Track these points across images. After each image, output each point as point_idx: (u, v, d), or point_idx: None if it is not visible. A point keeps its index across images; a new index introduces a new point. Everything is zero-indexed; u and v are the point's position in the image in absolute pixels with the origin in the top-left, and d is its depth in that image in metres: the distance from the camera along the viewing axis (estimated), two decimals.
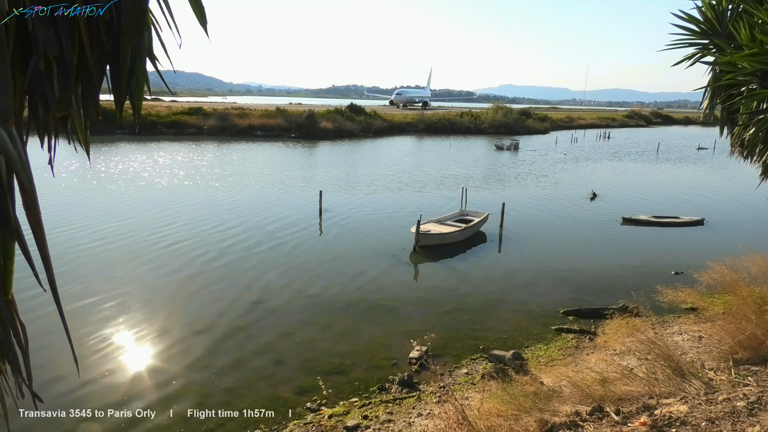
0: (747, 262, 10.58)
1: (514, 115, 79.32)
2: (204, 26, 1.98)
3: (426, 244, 17.34)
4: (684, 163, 46.64)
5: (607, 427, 4.91)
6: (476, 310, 12.48)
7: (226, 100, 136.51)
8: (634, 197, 28.36)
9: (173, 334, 10.81)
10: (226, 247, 16.75)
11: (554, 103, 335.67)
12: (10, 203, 1.56)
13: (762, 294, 8.42)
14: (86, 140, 1.95)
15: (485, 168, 38.44)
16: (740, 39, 6.49)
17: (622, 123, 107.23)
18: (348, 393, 8.82)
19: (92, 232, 17.80)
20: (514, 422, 5.50)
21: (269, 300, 12.69)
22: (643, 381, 5.89)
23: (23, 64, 1.67)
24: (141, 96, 2.01)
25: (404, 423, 7.75)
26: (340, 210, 22.69)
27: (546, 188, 30.39)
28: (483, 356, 10.15)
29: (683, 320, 11.26)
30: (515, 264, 16.33)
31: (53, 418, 7.86)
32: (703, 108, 8.10)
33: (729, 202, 27.84)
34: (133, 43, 1.77)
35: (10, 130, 1.44)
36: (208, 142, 49.81)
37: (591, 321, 11.89)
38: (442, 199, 25.96)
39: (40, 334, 9.37)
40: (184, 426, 7.83)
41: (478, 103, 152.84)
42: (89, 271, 14.14)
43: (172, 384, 8.98)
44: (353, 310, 12.29)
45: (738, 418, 4.56)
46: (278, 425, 7.90)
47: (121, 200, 23.18)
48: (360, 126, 63.59)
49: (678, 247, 18.95)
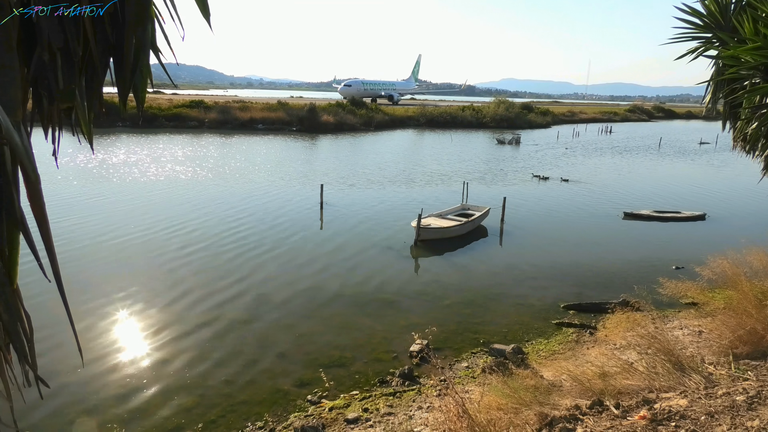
0: (748, 256, 10.57)
1: (515, 109, 79.05)
2: (207, 19, 1.97)
3: (427, 238, 17.35)
4: (686, 157, 46.52)
5: (606, 421, 4.94)
6: (477, 304, 12.51)
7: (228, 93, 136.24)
8: (636, 192, 28.31)
9: (174, 325, 10.85)
10: (227, 240, 16.77)
11: (556, 97, 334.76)
12: (15, 194, 1.57)
13: (763, 288, 8.42)
14: (90, 132, 1.96)
15: (486, 162, 38.36)
16: (743, 33, 6.46)
17: (624, 117, 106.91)
18: (349, 386, 8.87)
19: (96, 224, 17.82)
20: (514, 415, 5.52)
21: (270, 293, 12.73)
22: (643, 375, 5.90)
23: (27, 55, 1.67)
24: (144, 88, 2.02)
25: (404, 416, 7.79)
26: (340, 204, 22.70)
27: (547, 183, 30.34)
28: (483, 350, 10.19)
29: (684, 315, 11.28)
30: (516, 258, 16.34)
31: (56, 409, 7.92)
32: (705, 102, 8.08)
33: (731, 197, 27.79)
34: (137, 35, 1.78)
35: (18, 121, 1.44)
36: (210, 136, 49.76)
37: (591, 315, 11.91)
38: (444, 193, 25.93)
39: (43, 326, 9.41)
40: (185, 417, 7.88)
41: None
42: (91, 263, 14.18)
43: (173, 375, 9.03)
44: (354, 304, 12.32)
45: (737, 413, 4.58)
46: (279, 417, 7.94)
47: (123, 192, 23.19)
48: (361, 120, 63.50)
49: (679, 241, 18.94)
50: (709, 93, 7.91)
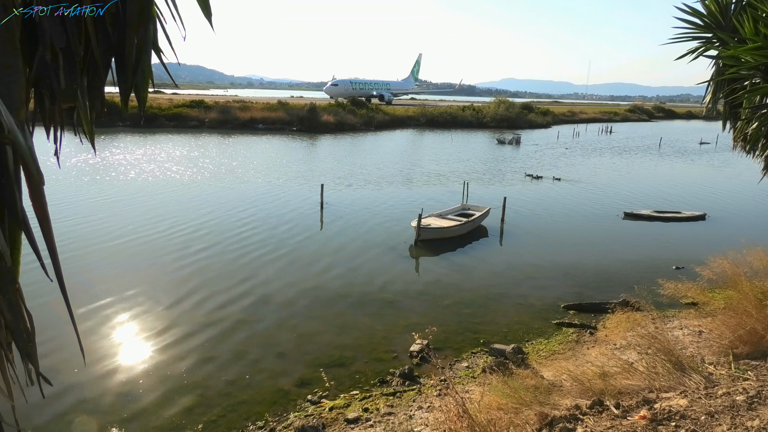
0: (749, 256, 10.59)
1: (516, 109, 79.01)
2: (209, 19, 1.98)
3: (427, 237, 17.35)
4: (686, 157, 46.51)
5: (606, 421, 4.94)
6: (477, 304, 12.51)
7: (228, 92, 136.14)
8: (636, 192, 28.31)
9: (175, 325, 10.86)
10: (227, 240, 16.78)
11: (556, 97, 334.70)
12: (17, 193, 1.57)
13: (763, 288, 8.43)
14: (92, 132, 1.96)
15: (487, 162, 38.36)
16: (744, 33, 6.46)
17: (624, 117, 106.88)
18: (349, 386, 8.87)
19: (97, 224, 17.83)
20: (515, 415, 5.53)
21: (270, 293, 12.73)
22: (643, 375, 5.91)
23: (29, 55, 1.67)
24: (146, 88, 2.02)
25: (405, 416, 7.79)
26: (340, 203, 22.71)
27: (548, 183, 30.35)
28: (484, 350, 10.19)
29: (684, 315, 11.27)
30: (516, 258, 16.35)
31: (57, 409, 7.93)
32: (705, 102, 8.08)
33: (731, 197, 27.79)
34: (138, 35, 1.78)
35: (21, 121, 1.45)
36: (210, 135, 49.77)
37: (592, 315, 11.91)
38: (444, 193, 25.94)
39: (46, 328, 9.41)
40: (186, 417, 7.89)
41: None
42: (92, 262, 14.19)
43: (173, 375, 9.03)
44: (354, 303, 12.33)
45: (737, 412, 4.58)
46: (279, 417, 7.95)
47: (121, 193, 23.20)
48: (362, 120, 63.51)
49: (679, 241, 18.94)
50: (710, 93, 7.92)
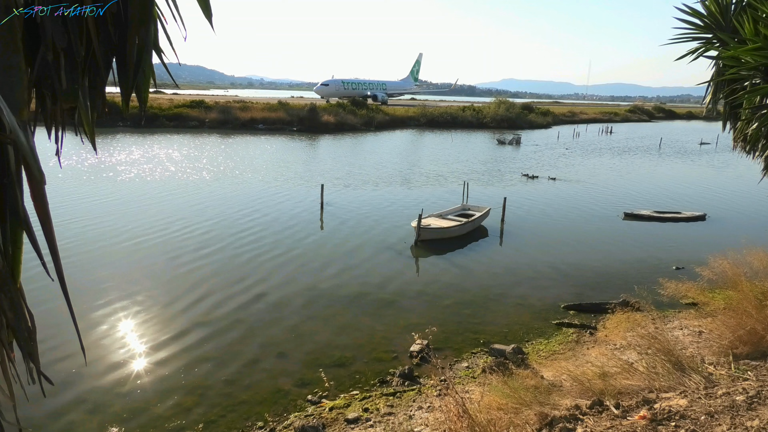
0: (749, 256, 10.59)
1: (516, 109, 79.00)
2: (209, 19, 1.98)
3: (427, 238, 17.36)
4: (686, 158, 46.50)
5: (606, 421, 4.94)
6: (477, 304, 12.51)
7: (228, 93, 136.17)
8: (636, 192, 28.32)
9: (175, 325, 10.86)
10: (227, 240, 16.78)
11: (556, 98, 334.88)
12: (19, 193, 1.58)
13: (763, 289, 8.43)
14: (92, 132, 1.97)
15: (487, 163, 38.36)
16: (744, 33, 6.47)
17: (624, 117, 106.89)
18: (349, 386, 8.88)
19: (97, 223, 17.84)
20: (515, 415, 5.53)
21: (270, 293, 12.74)
22: (643, 375, 5.91)
23: (30, 55, 1.68)
24: (147, 88, 2.03)
25: (405, 416, 7.80)
26: (341, 204, 22.71)
27: (548, 183, 30.34)
28: (484, 350, 10.19)
29: (684, 315, 11.28)
30: (516, 258, 16.35)
31: (57, 408, 7.93)
32: (705, 103, 8.09)
33: (731, 197, 27.78)
34: (139, 35, 1.78)
35: (23, 121, 1.45)
36: (210, 135, 49.78)
37: (592, 315, 11.91)
38: (445, 194, 25.94)
39: (47, 328, 9.42)
40: (186, 417, 7.89)
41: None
42: (92, 262, 14.20)
43: (173, 375, 9.04)
44: (354, 303, 12.33)
45: (737, 412, 4.58)
46: (279, 417, 7.95)
47: (121, 193, 23.21)
48: (362, 120, 63.51)
49: (679, 242, 18.94)
50: (710, 93, 7.92)
